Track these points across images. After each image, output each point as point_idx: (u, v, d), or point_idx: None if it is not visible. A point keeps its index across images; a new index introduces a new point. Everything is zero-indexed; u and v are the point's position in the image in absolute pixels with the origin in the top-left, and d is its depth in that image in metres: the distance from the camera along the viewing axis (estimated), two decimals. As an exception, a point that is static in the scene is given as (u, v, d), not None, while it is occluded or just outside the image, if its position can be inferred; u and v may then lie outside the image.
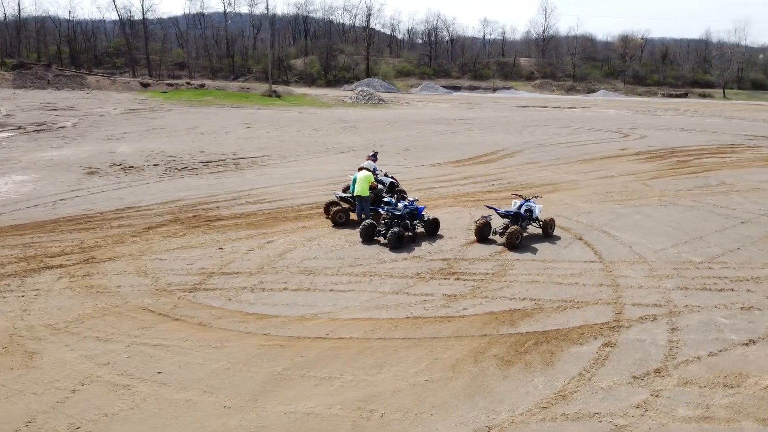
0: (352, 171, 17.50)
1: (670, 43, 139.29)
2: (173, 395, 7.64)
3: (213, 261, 12.82)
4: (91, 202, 17.95)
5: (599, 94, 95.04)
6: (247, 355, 8.77)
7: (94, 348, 8.87)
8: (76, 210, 16.93)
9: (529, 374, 8.37)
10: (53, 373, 8.14)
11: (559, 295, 11.20)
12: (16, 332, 9.37)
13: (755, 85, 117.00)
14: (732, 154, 30.21)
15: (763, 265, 13.13)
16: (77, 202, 18.01)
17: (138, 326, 9.64)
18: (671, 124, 46.63)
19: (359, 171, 16.32)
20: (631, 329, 9.84)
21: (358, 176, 15.69)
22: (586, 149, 30.99)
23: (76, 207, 17.21)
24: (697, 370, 8.61)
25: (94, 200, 18.08)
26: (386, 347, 9.07)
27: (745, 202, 19.04)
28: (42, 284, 11.35)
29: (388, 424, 7.11)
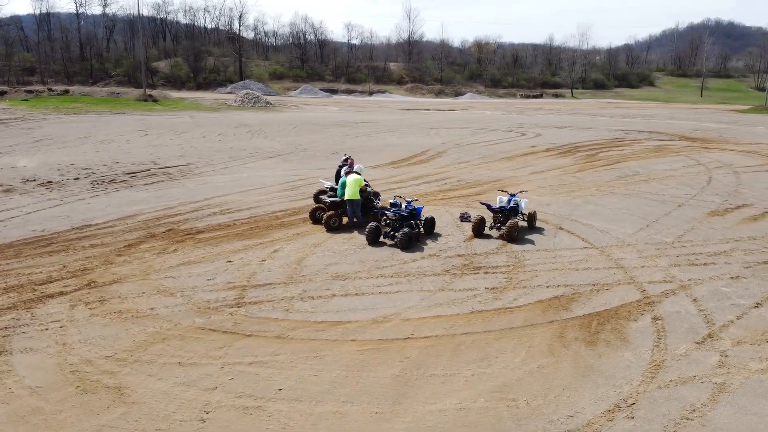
0: (296, 177, 17.48)
1: (520, 48, 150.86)
2: (315, 409, 7.48)
3: (233, 274, 12.31)
4: (36, 223, 16.22)
5: (467, 97, 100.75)
6: (353, 361, 8.73)
7: (185, 374, 8.33)
8: (25, 232, 15.25)
9: (616, 351, 9.20)
10: (163, 406, 7.57)
11: (584, 280, 12.22)
12: (77, 368, 8.50)
13: (596, 85, 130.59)
14: (625, 147, 33.89)
15: (720, 240, 15.21)
16: (18, 223, 16.19)
17: (213, 347, 9.16)
18: (549, 122, 50.94)
19: (347, 175, 16.34)
20: (663, 304, 11.06)
21: (348, 180, 15.73)
22: (500, 148, 33.09)
23: (23, 229, 15.49)
24: (737, 331, 9.96)
25: (36, 220, 16.37)
26: (476, 341, 9.45)
27: (668, 189, 21.70)
28: (58, 315, 10.28)
29: (539, 408, 7.55)
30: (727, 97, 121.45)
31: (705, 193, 20.92)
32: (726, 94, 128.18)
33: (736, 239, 15.20)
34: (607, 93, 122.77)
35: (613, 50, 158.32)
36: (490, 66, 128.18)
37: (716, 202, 19.52)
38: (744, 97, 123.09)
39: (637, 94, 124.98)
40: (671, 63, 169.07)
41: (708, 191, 21.22)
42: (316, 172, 24.54)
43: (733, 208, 18.75)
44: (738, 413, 7.49)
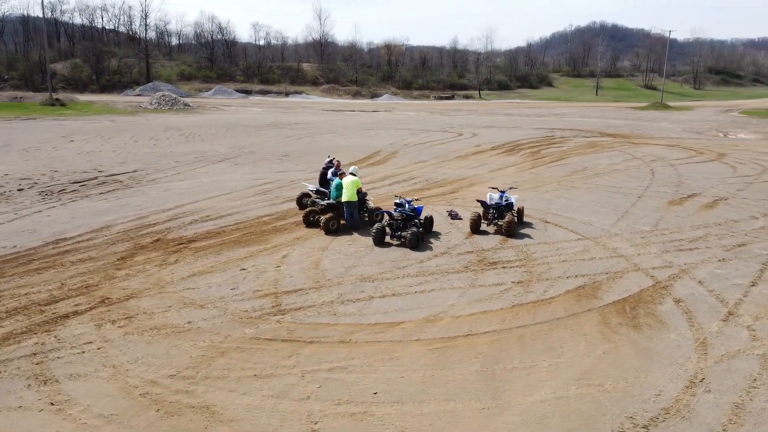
0: (260, 180, 17.32)
1: (427, 50, 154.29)
2: (422, 410, 7.53)
3: (256, 282, 11.98)
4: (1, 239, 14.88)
5: (384, 98, 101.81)
6: (430, 360, 8.82)
7: (268, 386, 8.10)
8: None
9: (660, 332, 9.88)
10: (266, 421, 7.35)
11: (595, 269, 12.94)
12: (146, 391, 8.03)
13: (501, 86, 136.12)
14: (560, 144, 35.73)
15: (692, 227, 16.56)
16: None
17: (280, 356, 8.94)
18: (475, 122, 52.64)
19: (340, 177, 16.24)
20: (675, 287, 11.95)
21: (345, 182, 15.65)
22: (448, 147, 33.89)
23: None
24: (751, 307, 10.97)
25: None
26: (534, 333, 9.81)
27: (621, 182, 23.22)
28: (87, 335, 9.61)
29: (626, 391, 8.00)
30: (620, 95, 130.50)
31: (655, 184, 22.57)
32: (618, 93, 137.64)
33: (705, 225, 16.57)
34: (512, 94, 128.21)
35: (512, 52, 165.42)
36: (400, 68, 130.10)
37: (669, 192, 21.13)
38: (635, 94, 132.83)
39: (539, 94, 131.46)
40: (566, 64, 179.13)
41: (656, 183, 22.91)
42: (277, 175, 24.11)
43: (686, 197, 20.38)
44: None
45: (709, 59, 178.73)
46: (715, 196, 20.58)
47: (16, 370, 8.43)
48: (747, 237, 15.44)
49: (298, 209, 18.06)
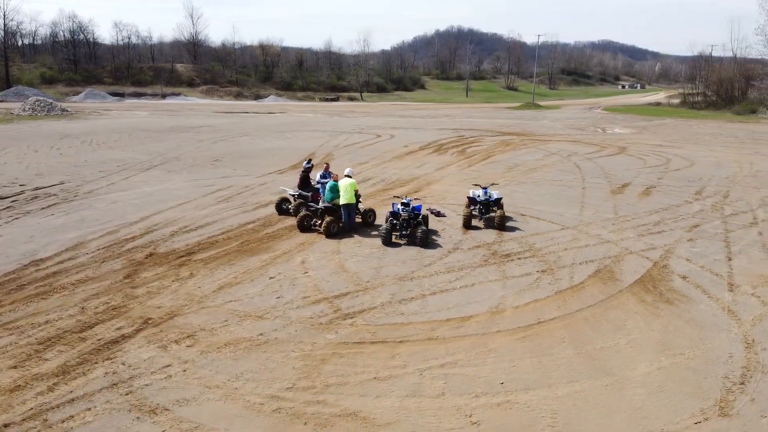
0: (211, 187, 17.19)
1: (303, 51, 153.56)
2: (556, 393, 8.06)
3: (296, 289, 11.86)
4: (-36, 264, 13.29)
5: (269, 100, 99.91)
6: (525, 348, 9.38)
7: (397, 388, 8.23)
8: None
9: (691, 305, 11.22)
10: (422, 420, 7.55)
11: (597, 255, 14.21)
12: (277, 406, 7.88)
13: (378, 88, 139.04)
14: (476, 144, 37.54)
15: (645, 213, 18.54)
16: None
17: (382, 357, 9.07)
18: (380, 123, 53.47)
19: (334, 179, 16.25)
20: (671, 266, 13.49)
21: (343, 184, 15.69)
22: (378, 148, 34.40)
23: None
24: (743, 278, 12.69)
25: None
26: (592, 315, 10.71)
27: (557, 176, 25.17)
28: (160, 359, 9.10)
29: (710, 356, 9.10)
30: (489, 97, 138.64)
31: (588, 177, 24.75)
32: (486, 94, 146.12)
33: (655, 211, 18.63)
34: (390, 96, 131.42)
35: (386, 54, 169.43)
36: (278, 69, 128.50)
37: (603, 183, 23.32)
38: (501, 96, 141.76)
39: (415, 96, 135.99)
40: (435, 67, 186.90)
41: (587, 175, 25.12)
42: (223, 181, 23.33)
43: (621, 186, 22.64)
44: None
45: (560, 61, 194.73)
46: (644, 184, 23.02)
47: (107, 404, 7.78)
48: (695, 219, 17.58)
49: (278, 214, 17.67)
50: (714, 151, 33.83)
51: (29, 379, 8.30)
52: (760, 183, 23.62)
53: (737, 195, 21.10)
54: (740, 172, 26.37)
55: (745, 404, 7.64)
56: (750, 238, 15.48)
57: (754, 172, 26.43)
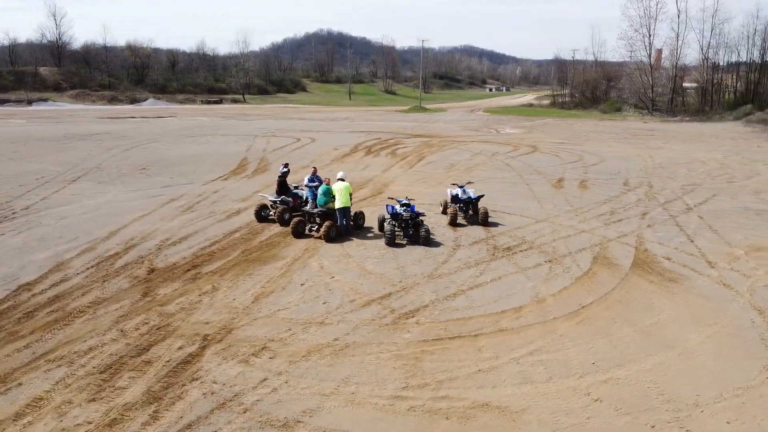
0: (163, 197, 17.12)
1: (176, 52, 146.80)
2: (646, 366, 8.96)
3: (336, 294, 11.91)
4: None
5: (149, 103, 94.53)
6: (588, 330, 10.24)
7: (505, 376, 8.72)
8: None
9: (692, 281, 12.67)
10: (552, 403, 8.17)
11: (584, 244, 15.53)
12: (409, 405, 8.18)
13: (260, 90, 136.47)
14: (401, 146, 38.43)
15: (596, 204, 20.43)
16: None
17: (469, 351, 9.54)
18: (287, 126, 52.64)
19: (326, 182, 16.32)
20: (652, 249, 15.10)
21: (337, 188, 15.76)
22: (312, 150, 34.11)
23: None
24: (715, 255, 14.52)
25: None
26: (622, 298, 11.82)
27: (496, 173, 26.73)
28: (252, 373, 8.92)
29: (747, 321, 10.58)
30: (371, 100, 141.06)
31: (523, 174, 26.55)
32: (368, 97, 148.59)
33: (603, 202, 20.58)
34: (274, 98, 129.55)
35: (264, 56, 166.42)
36: (150, 71, 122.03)
37: (541, 178, 25.19)
38: (382, 99, 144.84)
39: (300, 98, 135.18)
40: (313, 69, 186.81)
41: (522, 172, 26.94)
42: (171, 191, 22.32)
43: (558, 181, 24.60)
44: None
45: (431, 66, 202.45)
46: (575, 179, 25.17)
47: (231, 424, 7.55)
48: (640, 208, 19.67)
49: (257, 222, 17.34)
50: (612, 147, 37.45)
51: (121, 410, 7.76)
52: (670, 173, 26.70)
53: (659, 185, 23.74)
54: (648, 164, 29.55)
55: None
56: (696, 222, 17.63)
57: (658, 164, 29.75)
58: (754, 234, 16.30)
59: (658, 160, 30.97)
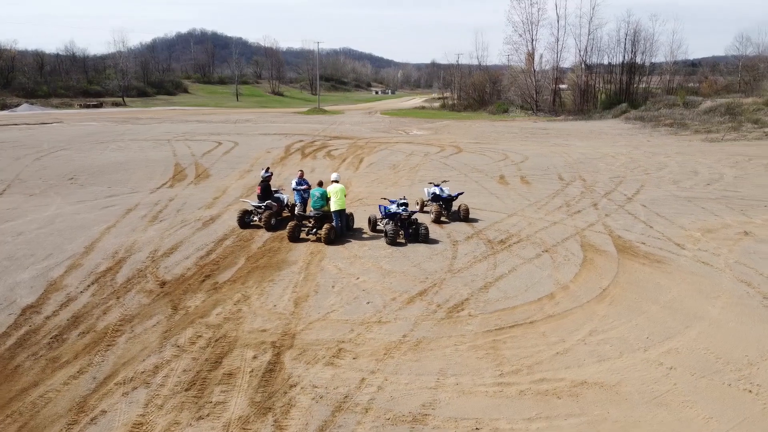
0: (117, 208, 17.11)
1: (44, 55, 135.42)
2: (710, 331, 10.32)
3: (371, 294, 12.14)
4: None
5: (23, 108, 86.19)
6: (622, 309, 11.25)
7: (587, 356, 9.66)
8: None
9: (674, 262, 14.31)
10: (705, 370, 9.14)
11: (564, 234, 16.79)
12: (524, 388, 8.81)
13: (140, 92, 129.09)
14: (333, 148, 38.31)
15: (548, 198, 22.02)
16: None
17: (538, 335, 10.33)
18: (199, 130, 50.62)
19: (319, 185, 16.39)
20: (622, 236, 16.76)
21: (333, 190, 15.86)
22: (246, 154, 33.21)
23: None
24: (678, 238, 16.45)
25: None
26: (634, 280, 13.09)
27: (443, 172, 27.73)
28: (348, 375, 9.09)
29: (736, 290, 12.21)
30: (260, 102, 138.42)
31: (466, 172, 27.83)
32: (256, 99, 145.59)
33: (552, 195, 22.25)
34: (157, 101, 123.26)
35: (141, 56, 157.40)
36: (18, 74, 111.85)
37: (485, 176, 26.58)
38: (270, 100, 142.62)
39: (184, 100, 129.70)
40: (193, 70, 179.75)
41: (465, 171, 28.23)
42: (112, 200, 21.13)
43: (501, 178, 26.13)
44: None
45: (317, 67, 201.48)
46: (514, 175, 26.84)
47: (359, 425, 7.72)
48: (588, 200, 21.50)
49: (239, 228, 17.02)
50: (524, 145, 40.04)
51: (240, 424, 7.63)
52: (592, 168, 29.21)
53: (590, 179, 25.96)
54: (567, 160, 32.05)
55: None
56: (643, 211, 19.62)
57: (576, 159, 32.35)
58: (697, 218, 18.44)
59: (574, 156, 33.63)
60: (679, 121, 56.64)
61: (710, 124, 52.53)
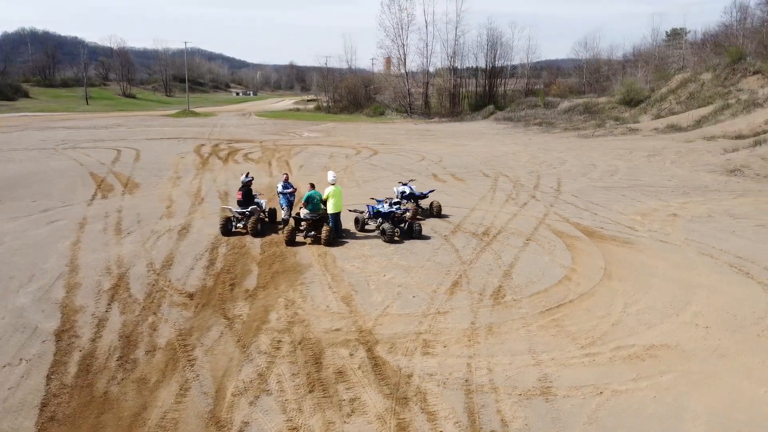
0: (61, 222, 17.17)
1: None
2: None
3: (413, 290, 12.63)
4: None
5: None
6: (636, 285, 12.83)
7: (644, 321, 11.19)
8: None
9: (638, 243, 16.50)
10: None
11: (532, 222, 18.56)
12: (654, 345, 10.07)
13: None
14: (246, 150, 37.38)
15: (487, 193, 23.89)
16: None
17: (589, 311, 11.81)
18: (87, 137, 46.23)
19: (312, 188, 16.56)
20: (580, 223, 18.80)
21: (331, 192, 16.03)
22: (160, 160, 31.36)
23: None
24: (626, 222, 18.88)
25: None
26: (623, 260, 14.84)
27: (375, 172, 28.46)
28: (451, 361, 9.86)
29: (710, 261, 14.54)
30: (112, 105, 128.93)
31: (397, 171, 28.93)
32: (107, 102, 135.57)
33: (491, 190, 24.09)
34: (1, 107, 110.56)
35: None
36: None
37: (417, 175, 27.85)
38: (122, 103, 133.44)
39: (28, 105, 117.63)
40: (32, 73, 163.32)
41: (396, 170, 29.31)
42: (51, 215, 19.57)
43: (432, 176, 27.63)
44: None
45: (171, 68, 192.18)
46: (445, 173, 28.46)
47: (497, 402, 8.48)
48: (524, 193, 23.54)
49: (222, 236, 16.74)
50: (427, 146, 42.04)
51: (390, 416, 8.02)
52: (505, 165, 31.71)
53: (511, 174, 28.27)
54: (478, 159, 34.35)
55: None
56: (578, 201, 21.96)
57: (485, 158, 34.77)
58: (626, 204, 21.07)
59: (481, 155, 36.11)
60: (547, 121, 62.33)
61: (574, 122, 58.53)
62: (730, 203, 21.36)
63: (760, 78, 48.92)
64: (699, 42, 78.98)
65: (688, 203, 21.37)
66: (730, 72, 53.06)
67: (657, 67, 77.22)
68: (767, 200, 21.90)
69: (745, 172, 28.18)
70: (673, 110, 54.28)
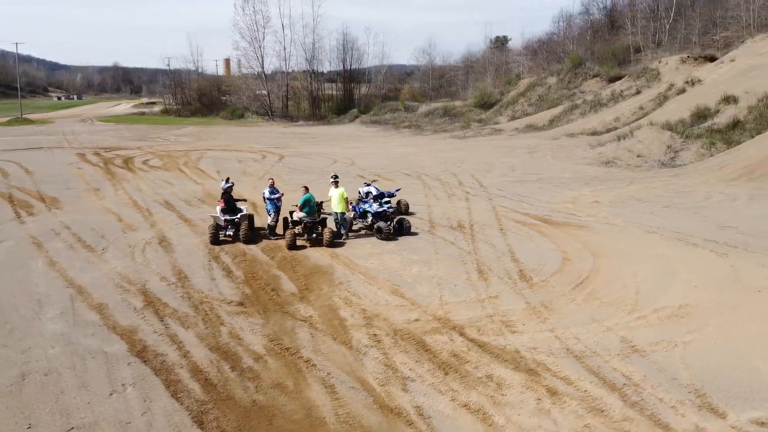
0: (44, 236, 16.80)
1: None
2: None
3: (446, 283, 13.80)
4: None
5: None
6: (636, 263, 15.26)
7: (675, 296, 13.41)
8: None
9: (591, 228, 19.19)
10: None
11: (488, 215, 20.54)
12: (682, 305, 12.05)
13: None
14: (142, 157, 34.97)
15: (432, 193, 25.60)
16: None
17: (617, 289, 13.82)
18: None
19: (307, 191, 16.88)
20: (530, 212, 21.22)
21: (334, 193, 16.50)
22: (54, 173, 27.97)
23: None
24: (565, 210, 21.61)
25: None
26: (606, 242, 17.38)
27: (305, 176, 28.77)
28: (546, 332, 11.37)
29: (673, 235, 17.44)
30: None
31: (321, 174, 29.42)
32: None
33: (426, 187, 25.82)
34: None
35: None
36: None
37: (351, 178, 28.69)
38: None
39: None
40: None
41: (320, 173, 29.75)
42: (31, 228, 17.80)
43: (376, 179, 28.63)
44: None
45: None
46: (371, 175, 29.54)
47: (609, 359, 10.05)
48: (457, 190, 25.45)
49: (211, 245, 16.49)
50: (323, 149, 42.69)
51: (563, 384, 9.17)
52: (416, 165, 33.44)
53: (430, 173, 30.10)
54: (386, 160, 35.74)
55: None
56: (506, 194, 24.14)
57: (394, 159, 36.29)
58: (549, 195, 23.67)
59: (384, 157, 37.49)
60: (415, 124, 65.68)
61: (439, 125, 62.43)
62: (629, 190, 24.93)
63: (599, 81, 56.36)
64: (534, 48, 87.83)
65: (596, 191, 24.51)
66: (572, 76, 60.28)
67: (498, 71, 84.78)
68: (654, 186, 25.86)
69: (617, 163, 32.78)
70: (526, 111, 60.35)
